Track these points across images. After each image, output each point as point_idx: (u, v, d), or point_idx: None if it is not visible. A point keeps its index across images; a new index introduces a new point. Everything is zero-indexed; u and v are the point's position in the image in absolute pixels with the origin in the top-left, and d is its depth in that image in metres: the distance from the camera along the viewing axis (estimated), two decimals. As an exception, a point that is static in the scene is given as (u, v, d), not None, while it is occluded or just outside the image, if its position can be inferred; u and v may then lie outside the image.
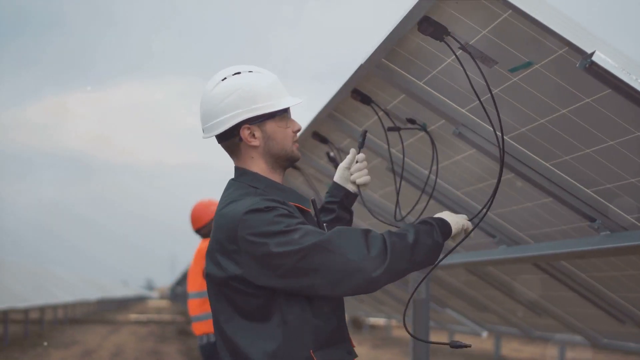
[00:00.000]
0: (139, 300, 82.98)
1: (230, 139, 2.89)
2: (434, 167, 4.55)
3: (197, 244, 7.45)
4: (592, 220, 3.82)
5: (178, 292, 59.85)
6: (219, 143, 2.95)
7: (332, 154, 5.28)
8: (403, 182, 4.79)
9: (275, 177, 2.93)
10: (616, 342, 6.24)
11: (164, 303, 75.67)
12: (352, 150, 3.33)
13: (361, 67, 3.81)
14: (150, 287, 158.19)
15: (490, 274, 6.40)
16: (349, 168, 3.31)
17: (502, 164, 2.87)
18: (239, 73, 2.89)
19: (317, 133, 5.26)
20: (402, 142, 4.26)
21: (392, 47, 3.51)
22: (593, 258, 4.52)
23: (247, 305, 2.72)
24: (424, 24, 3.13)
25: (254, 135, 2.86)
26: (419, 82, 3.75)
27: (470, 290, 7.58)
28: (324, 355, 2.73)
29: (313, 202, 3.05)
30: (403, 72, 3.74)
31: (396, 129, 4.25)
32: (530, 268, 5.69)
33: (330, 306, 2.81)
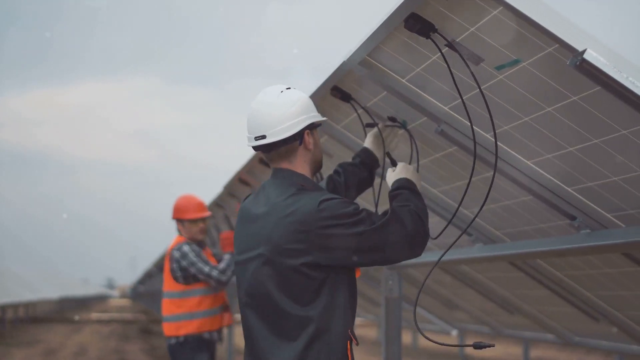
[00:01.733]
0: (100, 298, 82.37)
1: (291, 142, 3.31)
2: (414, 165, 4.54)
3: (159, 243, 7.44)
4: (573, 218, 3.83)
5: (139, 291, 59.53)
6: (269, 151, 3.35)
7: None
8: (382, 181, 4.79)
9: None
10: (588, 340, 6.28)
11: (125, 302, 75.21)
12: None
13: (343, 64, 3.79)
14: (111, 285, 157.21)
15: (463, 273, 6.41)
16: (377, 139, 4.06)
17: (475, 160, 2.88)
18: (289, 88, 3.38)
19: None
20: (383, 140, 4.24)
21: (376, 44, 3.50)
22: (573, 256, 4.54)
23: (302, 289, 3.16)
24: (410, 21, 3.11)
25: (310, 140, 3.36)
26: (401, 79, 3.74)
27: (442, 288, 7.60)
28: (352, 332, 3.23)
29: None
30: (386, 69, 3.73)
31: (375, 125, 4.24)
32: (505, 266, 5.71)
33: (355, 290, 3.32)
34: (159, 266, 29.22)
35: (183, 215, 6.97)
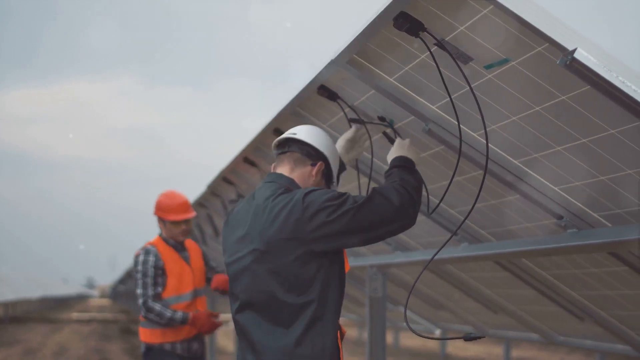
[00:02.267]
0: (80, 298, 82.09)
1: (307, 158, 3.68)
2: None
3: (140, 243, 7.07)
4: (560, 217, 3.84)
5: (119, 291, 59.31)
6: (284, 152, 3.69)
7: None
8: (366, 180, 4.78)
9: None
10: (573, 339, 6.30)
11: (106, 301, 74.96)
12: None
13: (331, 63, 3.78)
14: (91, 285, 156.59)
15: (448, 272, 6.42)
16: (351, 141, 4.20)
17: (457, 160, 2.88)
18: None
19: (278, 130, 5.21)
20: (370, 139, 4.24)
21: (364, 43, 3.49)
22: (559, 256, 4.55)
23: (298, 280, 3.37)
24: (399, 20, 3.10)
25: (317, 173, 3.67)
26: (389, 78, 3.73)
27: (426, 288, 7.60)
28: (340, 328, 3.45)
29: None
30: (374, 68, 3.73)
31: (360, 121, 4.24)
32: (490, 266, 5.72)
33: (344, 284, 3.50)
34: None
35: (165, 215, 6.45)
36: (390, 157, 3.79)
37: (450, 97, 3.31)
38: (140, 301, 6.14)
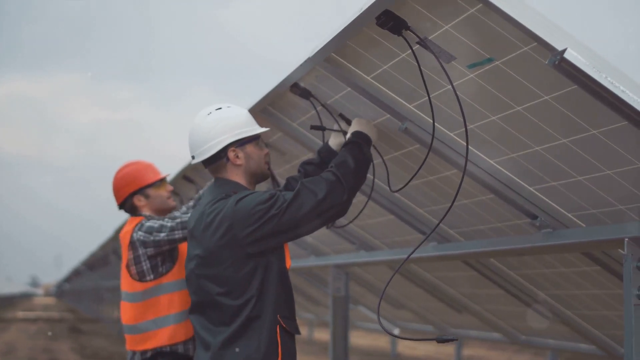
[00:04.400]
0: (24, 297, 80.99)
1: (218, 161, 3.67)
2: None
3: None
4: (534, 217, 3.85)
5: (65, 289, 58.74)
6: (206, 167, 3.74)
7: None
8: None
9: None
10: (535, 339, 6.34)
11: (51, 300, 74.10)
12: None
13: (308, 61, 3.75)
14: (35, 284, 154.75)
15: (412, 271, 6.42)
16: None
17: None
18: (220, 108, 3.72)
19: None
20: (345, 137, 4.21)
21: (344, 41, 3.47)
22: (533, 255, 4.56)
23: (234, 283, 3.47)
24: (383, 18, 3.08)
25: (237, 156, 3.66)
26: (366, 76, 3.71)
27: (388, 287, 7.60)
28: (286, 319, 3.53)
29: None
30: (351, 67, 3.70)
31: (321, 128, 4.20)
32: (455, 265, 5.73)
33: (290, 287, 3.60)
34: (88, 264, 28.88)
35: (144, 181, 5.14)
36: (347, 136, 3.84)
37: (429, 96, 3.30)
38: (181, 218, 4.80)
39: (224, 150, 3.65)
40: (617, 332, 5.11)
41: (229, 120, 3.68)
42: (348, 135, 3.83)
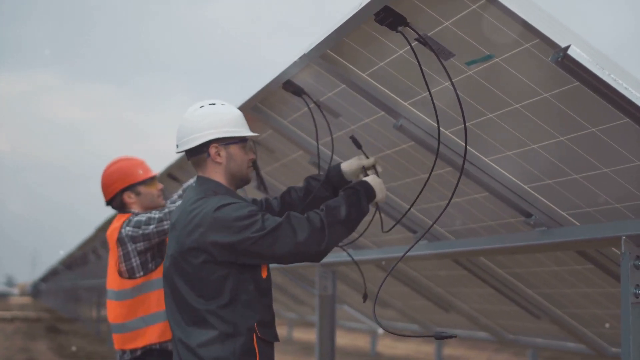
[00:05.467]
0: (0, 296, 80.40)
1: (199, 154, 3.60)
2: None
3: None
4: (529, 215, 3.84)
5: (41, 289, 58.40)
6: (188, 159, 3.67)
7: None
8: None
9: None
10: (523, 337, 6.34)
11: (27, 300, 73.60)
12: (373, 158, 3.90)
13: (303, 57, 3.73)
14: (10, 283, 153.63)
15: (399, 270, 6.41)
16: (365, 170, 3.87)
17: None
18: (214, 104, 3.65)
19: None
20: (332, 134, 4.19)
21: (341, 38, 3.44)
22: (528, 254, 4.56)
23: (206, 286, 3.42)
24: (381, 14, 3.06)
25: (219, 154, 3.59)
26: (362, 73, 3.69)
27: (375, 286, 7.58)
28: (263, 330, 3.47)
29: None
30: (347, 64, 3.68)
31: (358, 145, 3.98)
32: (443, 264, 5.72)
33: (267, 294, 3.56)
34: (66, 264, 28.71)
35: (134, 178, 5.07)
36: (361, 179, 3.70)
37: (429, 92, 3.27)
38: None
39: (206, 145, 3.58)
40: (607, 330, 5.12)
41: (218, 117, 3.61)
42: (357, 179, 3.76)
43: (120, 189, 5.07)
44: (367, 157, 3.91)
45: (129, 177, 5.06)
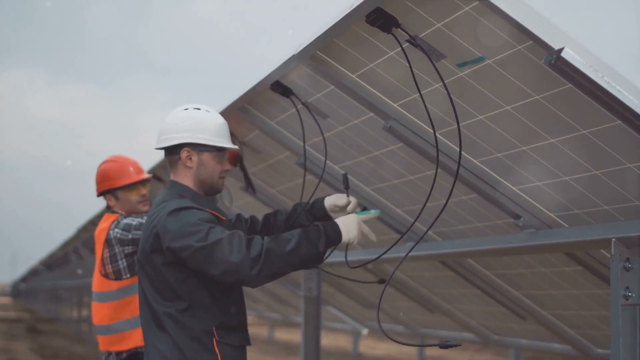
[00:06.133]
0: (-22, 296, 79.92)
1: (173, 155, 3.65)
2: (349, 162, 4.52)
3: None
4: (517, 217, 3.84)
5: (21, 289, 58.12)
6: (165, 157, 3.71)
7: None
8: (310, 178, 4.73)
9: None
10: (508, 339, 6.35)
11: (6, 300, 73.23)
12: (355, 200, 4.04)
13: (292, 58, 3.71)
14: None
15: (384, 271, 6.40)
16: (345, 207, 4.01)
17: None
18: (198, 109, 3.68)
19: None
20: (323, 134, 4.18)
21: (331, 39, 3.43)
22: (516, 255, 4.56)
23: (166, 288, 3.47)
24: (373, 15, 3.05)
25: (190, 158, 3.62)
26: (351, 75, 3.68)
27: (358, 287, 7.58)
28: (223, 334, 3.48)
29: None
30: (336, 65, 3.67)
31: (346, 185, 4.05)
32: (429, 265, 5.72)
33: (232, 298, 3.55)
34: (46, 264, 28.58)
35: (116, 182, 5.05)
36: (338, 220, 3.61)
37: (420, 93, 3.26)
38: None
39: (180, 148, 3.61)
40: (593, 332, 5.13)
41: (197, 121, 3.63)
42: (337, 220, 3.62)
43: (100, 190, 5.12)
44: (348, 198, 3.99)
45: (108, 181, 5.08)
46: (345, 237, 3.55)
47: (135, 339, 4.84)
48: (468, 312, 6.40)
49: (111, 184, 5.06)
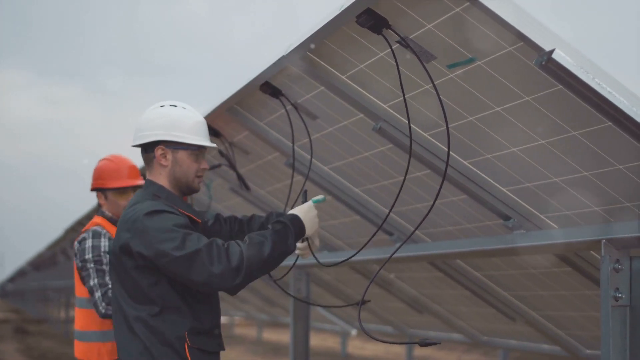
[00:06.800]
0: (-35, 297, 79.62)
1: (148, 153, 3.58)
2: (338, 163, 4.52)
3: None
4: (507, 218, 3.84)
5: (8, 290, 57.92)
6: (142, 155, 3.63)
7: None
8: (300, 179, 4.72)
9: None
10: (497, 339, 6.36)
11: (-7, 301, 72.95)
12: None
13: (282, 59, 3.71)
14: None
15: (373, 271, 6.40)
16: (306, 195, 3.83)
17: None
18: (175, 106, 3.61)
19: (209, 127, 5.09)
20: (310, 135, 4.18)
21: (321, 40, 3.42)
22: (505, 257, 4.56)
23: (137, 290, 3.40)
24: (363, 16, 3.04)
25: (165, 156, 3.55)
26: (341, 75, 3.67)
27: (348, 287, 7.58)
28: (196, 339, 3.42)
29: (305, 193, 3.79)
30: (326, 65, 3.66)
31: (304, 196, 4.01)
32: (418, 266, 5.72)
33: (205, 302, 3.49)
34: (34, 264, 28.50)
35: (106, 182, 5.00)
36: (293, 211, 3.60)
37: (404, 95, 3.26)
38: (99, 294, 4.62)
39: (154, 145, 3.54)
40: (582, 332, 5.14)
41: (172, 118, 3.55)
42: (290, 212, 3.60)
43: (94, 187, 5.07)
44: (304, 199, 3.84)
45: (100, 180, 5.03)
46: (308, 231, 3.57)
47: (104, 354, 4.75)
48: (457, 313, 6.40)
49: (102, 183, 5.01)
